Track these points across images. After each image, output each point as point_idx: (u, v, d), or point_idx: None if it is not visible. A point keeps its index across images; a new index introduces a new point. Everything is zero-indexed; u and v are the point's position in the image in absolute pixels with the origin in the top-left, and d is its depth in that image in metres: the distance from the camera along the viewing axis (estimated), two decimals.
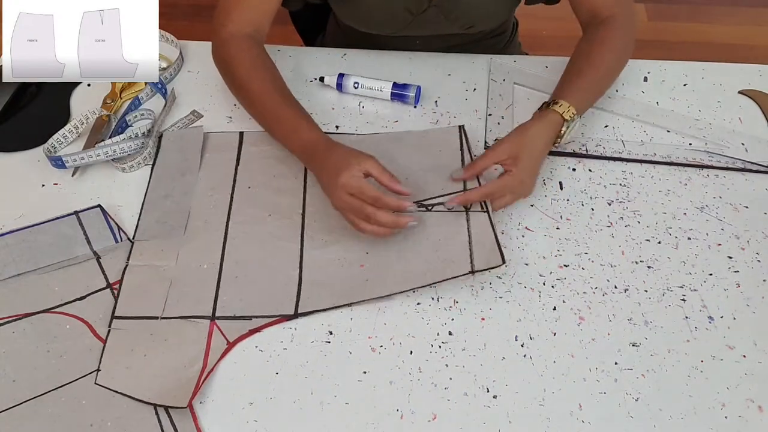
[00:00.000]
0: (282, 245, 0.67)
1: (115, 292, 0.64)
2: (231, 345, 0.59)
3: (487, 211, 0.67)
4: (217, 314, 0.61)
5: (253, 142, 0.76)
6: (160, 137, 0.77)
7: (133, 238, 0.67)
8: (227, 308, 0.62)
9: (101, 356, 0.58)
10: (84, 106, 0.80)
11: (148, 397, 0.56)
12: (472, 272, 0.62)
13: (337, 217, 0.67)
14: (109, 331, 0.60)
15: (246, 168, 0.74)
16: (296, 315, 0.61)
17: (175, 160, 0.74)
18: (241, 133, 0.77)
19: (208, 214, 0.69)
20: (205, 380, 0.56)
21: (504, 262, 0.62)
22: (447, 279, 0.62)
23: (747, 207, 0.70)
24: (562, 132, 0.69)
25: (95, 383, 0.56)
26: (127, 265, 0.65)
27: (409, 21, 0.81)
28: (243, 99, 0.75)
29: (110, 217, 0.68)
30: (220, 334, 0.60)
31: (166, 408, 0.56)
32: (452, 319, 0.62)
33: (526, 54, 1.01)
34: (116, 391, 0.56)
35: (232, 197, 0.71)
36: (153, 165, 0.75)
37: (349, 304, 0.62)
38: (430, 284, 0.62)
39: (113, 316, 0.61)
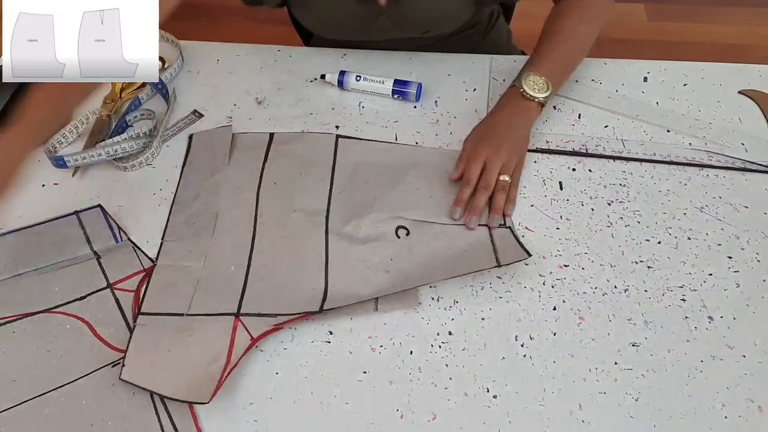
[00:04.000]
0: (308, 247, 0.66)
1: (116, 292, 0.64)
2: (255, 340, 0.59)
3: (509, 227, 0.68)
4: (241, 311, 0.61)
5: (282, 141, 0.77)
6: (191, 138, 0.77)
7: (162, 239, 0.68)
8: (252, 306, 0.62)
9: (126, 351, 0.58)
10: (84, 106, 0.80)
11: (171, 393, 0.55)
12: (499, 265, 0.62)
13: (360, 218, 0.68)
14: (134, 326, 0.60)
15: (273, 165, 0.74)
16: (321, 311, 0.61)
17: (204, 160, 0.75)
18: (272, 134, 0.77)
19: (236, 214, 0.69)
20: (228, 376, 0.56)
21: (530, 254, 0.63)
22: (473, 271, 0.62)
23: (747, 207, 0.70)
24: (530, 93, 0.71)
25: (119, 378, 0.56)
26: (155, 265, 0.65)
27: (363, 27, 0.82)
28: None
29: (110, 217, 0.68)
30: (244, 329, 0.60)
31: (167, 408, 0.56)
32: (452, 319, 0.62)
33: (523, 53, 1.01)
34: (140, 387, 0.56)
35: (258, 194, 0.71)
36: (183, 165, 0.75)
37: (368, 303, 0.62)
38: (457, 276, 0.62)
39: (139, 312, 0.61)
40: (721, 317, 0.61)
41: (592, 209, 0.70)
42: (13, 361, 0.59)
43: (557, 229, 0.68)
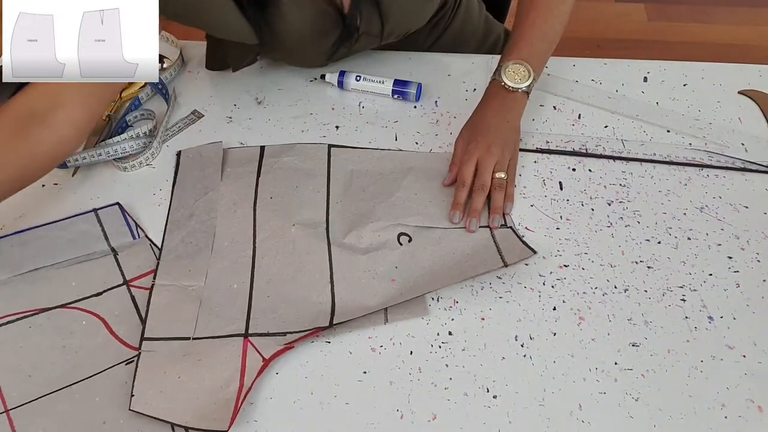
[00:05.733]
0: (311, 260, 0.65)
1: (132, 289, 0.64)
2: (267, 362, 0.57)
3: (510, 227, 0.67)
4: (250, 332, 0.60)
5: (274, 154, 0.75)
6: (179, 155, 0.76)
7: (158, 258, 0.66)
8: (260, 326, 0.60)
9: (134, 380, 0.57)
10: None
11: (185, 422, 0.54)
12: (506, 265, 0.62)
13: (360, 227, 0.67)
14: (139, 354, 0.59)
15: (267, 178, 0.73)
16: (332, 325, 0.60)
17: (196, 178, 0.73)
18: (262, 148, 0.76)
19: (234, 231, 0.68)
20: (244, 400, 0.55)
21: (535, 252, 0.63)
22: (479, 274, 0.62)
23: (747, 207, 0.70)
24: (511, 86, 0.71)
25: (129, 409, 0.55)
26: (153, 284, 0.64)
27: (345, 53, 0.82)
28: None
29: (128, 215, 0.69)
30: (255, 351, 0.58)
31: None
32: (452, 319, 0.62)
33: (506, 31, 1.00)
34: (153, 417, 0.54)
35: (255, 209, 0.70)
36: (173, 184, 0.73)
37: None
38: (464, 279, 0.62)
39: (143, 338, 0.60)
40: (721, 317, 0.61)
41: (592, 209, 0.70)
42: (29, 356, 0.59)
43: (557, 229, 0.68)
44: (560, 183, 0.72)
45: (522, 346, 0.60)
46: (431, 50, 0.92)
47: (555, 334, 0.60)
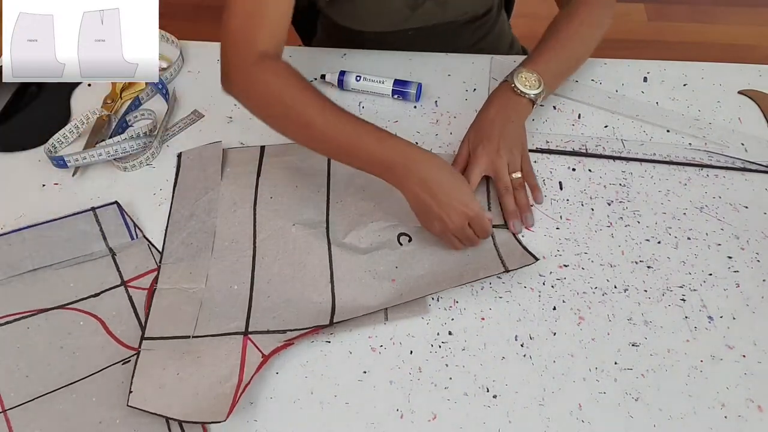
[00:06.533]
0: (311, 260, 0.65)
1: (129, 290, 0.64)
2: (266, 358, 0.58)
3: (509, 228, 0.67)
4: (250, 329, 0.60)
5: (274, 154, 0.75)
6: (180, 156, 0.76)
7: (160, 262, 0.66)
8: (260, 324, 0.60)
9: (132, 377, 0.57)
10: (84, 106, 0.80)
11: (184, 416, 0.54)
12: (507, 271, 0.62)
13: (360, 227, 0.67)
14: (139, 352, 0.59)
15: (267, 178, 0.73)
16: (332, 324, 0.60)
17: (196, 179, 0.73)
18: (263, 147, 0.76)
19: (234, 232, 0.68)
20: (242, 394, 0.55)
21: (537, 259, 0.62)
22: (480, 279, 0.62)
23: (747, 207, 0.70)
24: (520, 89, 0.71)
25: (128, 405, 0.55)
26: (155, 289, 0.64)
27: (408, 16, 0.82)
28: (305, 132, 0.65)
29: (126, 214, 0.68)
30: (254, 347, 0.58)
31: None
32: (452, 319, 0.62)
33: (525, 53, 1.01)
34: (151, 412, 0.54)
35: (255, 209, 0.70)
36: (174, 185, 0.73)
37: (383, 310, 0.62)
38: (464, 284, 0.62)
39: (143, 337, 0.60)
40: (721, 317, 0.61)
41: (592, 209, 0.70)
42: (27, 356, 0.59)
43: (557, 229, 0.68)
44: (560, 183, 0.72)
45: (522, 345, 0.60)
46: (469, 52, 0.91)
47: (555, 334, 0.60)
